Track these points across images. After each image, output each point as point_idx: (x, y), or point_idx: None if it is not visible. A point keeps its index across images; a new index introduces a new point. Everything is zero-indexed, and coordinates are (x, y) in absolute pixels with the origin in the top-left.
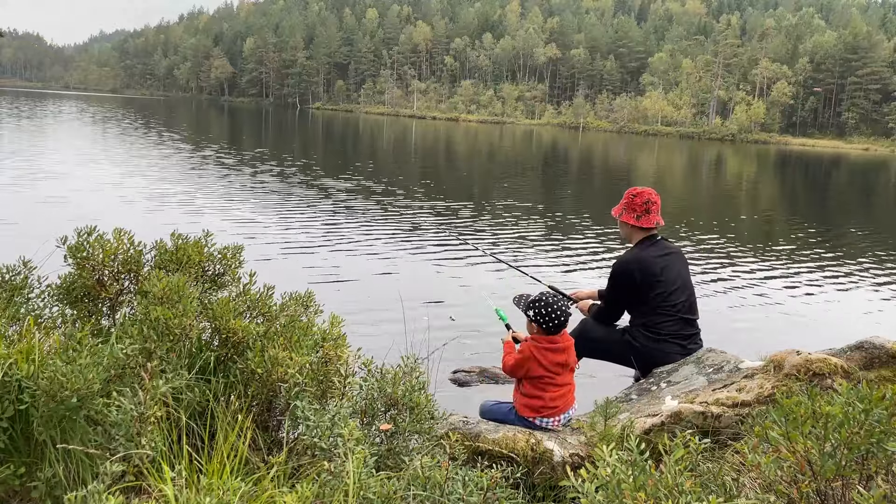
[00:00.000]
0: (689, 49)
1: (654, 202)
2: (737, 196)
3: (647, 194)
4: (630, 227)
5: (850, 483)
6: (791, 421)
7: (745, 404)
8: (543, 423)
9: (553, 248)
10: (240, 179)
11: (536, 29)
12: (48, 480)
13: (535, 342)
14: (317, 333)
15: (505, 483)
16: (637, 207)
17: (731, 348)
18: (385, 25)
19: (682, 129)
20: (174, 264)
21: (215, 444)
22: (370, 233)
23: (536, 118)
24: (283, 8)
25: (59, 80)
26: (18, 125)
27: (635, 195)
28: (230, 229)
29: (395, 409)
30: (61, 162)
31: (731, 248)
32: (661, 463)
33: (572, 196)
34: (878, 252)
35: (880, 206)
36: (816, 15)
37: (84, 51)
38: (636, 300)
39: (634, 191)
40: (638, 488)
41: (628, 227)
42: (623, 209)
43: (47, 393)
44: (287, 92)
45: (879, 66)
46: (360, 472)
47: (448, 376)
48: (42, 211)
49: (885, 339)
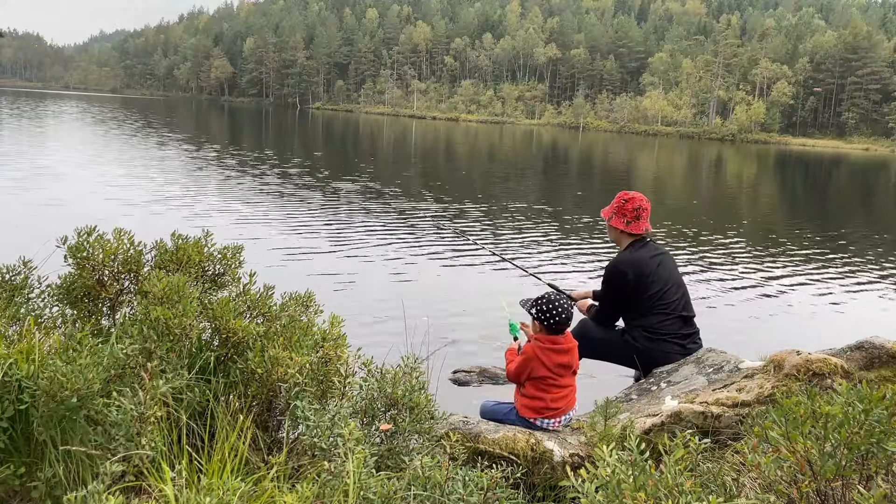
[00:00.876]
0: (689, 49)
1: (645, 208)
2: (737, 196)
3: (637, 200)
4: (619, 231)
5: (850, 483)
6: (791, 421)
7: (745, 404)
8: (544, 423)
9: (551, 248)
10: (240, 179)
11: (536, 29)
12: (48, 480)
13: (538, 342)
14: (317, 333)
15: (505, 483)
16: (627, 213)
17: (731, 348)
18: (385, 25)
19: (682, 129)
20: (174, 264)
21: (215, 444)
22: (370, 233)
23: (536, 118)
24: (283, 8)
25: (59, 80)
26: (19, 125)
27: (626, 200)
28: (230, 229)
29: (395, 409)
30: (61, 162)
31: (731, 248)
32: (661, 463)
33: (573, 195)
34: (878, 252)
35: (880, 206)
36: (816, 15)
37: (84, 51)
38: (632, 301)
39: (626, 196)
40: (638, 488)
41: (617, 231)
42: (613, 213)
43: (47, 393)
44: (287, 92)
45: (879, 66)
46: (360, 472)
47: (448, 376)
48: (42, 211)
49: (885, 339)
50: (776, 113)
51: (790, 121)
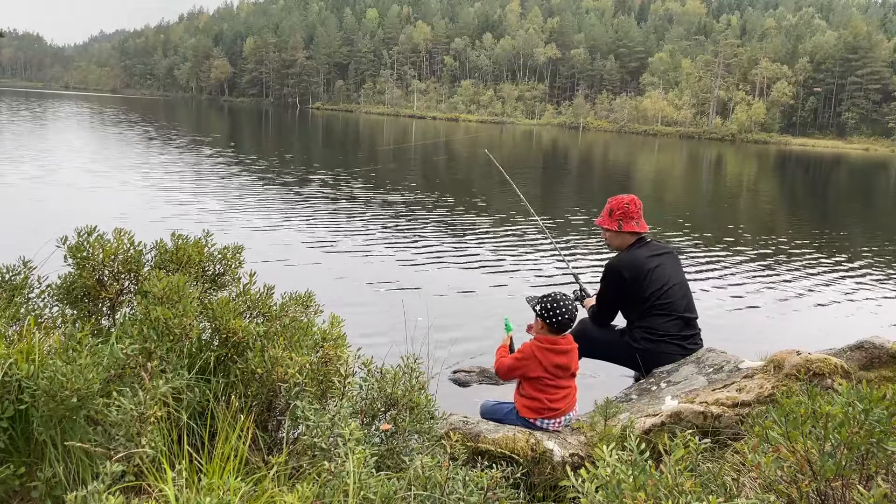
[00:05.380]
0: (689, 49)
1: (634, 207)
2: (737, 196)
3: (624, 200)
4: (615, 234)
5: (850, 483)
6: (791, 421)
7: (745, 404)
8: (544, 424)
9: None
10: (240, 179)
11: (536, 29)
12: (48, 480)
13: (538, 342)
14: (317, 333)
15: (505, 483)
16: (616, 214)
17: (731, 348)
18: (385, 25)
19: (682, 129)
20: (174, 264)
21: (215, 444)
22: (370, 233)
23: (536, 118)
24: (283, 8)
25: (59, 80)
26: (19, 125)
27: (615, 203)
28: (230, 229)
29: (395, 409)
30: (62, 162)
31: (732, 248)
32: (661, 463)
33: (571, 196)
34: (878, 252)
35: (881, 206)
36: (816, 15)
37: (84, 51)
38: (631, 300)
39: (613, 200)
40: (638, 488)
41: (614, 234)
42: (606, 218)
43: (47, 393)
44: (287, 92)
45: (879, 66)
46: (361, 472)
47: (448, 376)
48: (42, 211)
49: (885, 339)
50: (776, 113)
51: (790, 121)
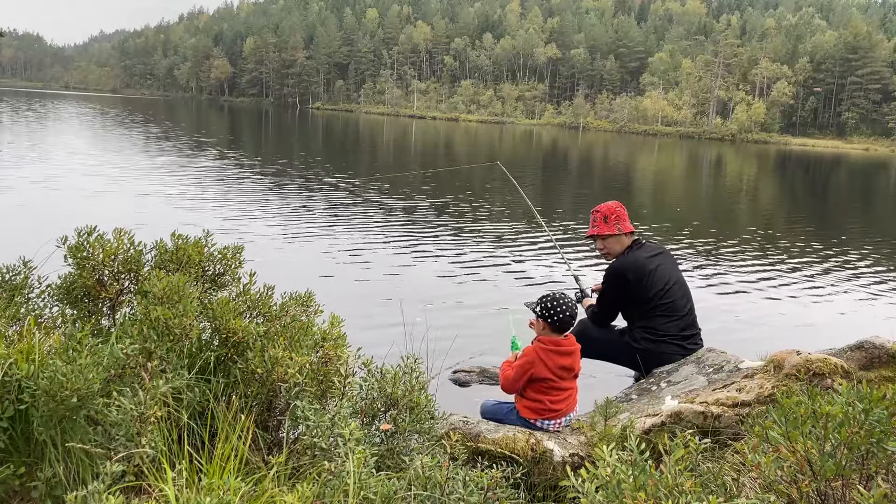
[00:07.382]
0: (689, 49)
1: (622, 210)
2: (737, 196)
3: (609, 205)
4: (614, 237)
5: (850, 483)
6: (791, 421)
7: (745, 404)
8: (544, 424)
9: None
10: (240, 179)
11: (536, 29)
12: (48, 480)
13: (541, 344)
14: (317, 333)
15: (505, 483)
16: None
17: (731, 348)
18: (385, 25)
19: (682, 129)
20: (174, 264)
21: (215, 444)
22: (370, 233)
23: (536, 118)
24: (283, 8)
25: (59, 80)
26: (19, 125)
27: (604, 210)
28: (230, 229)
29: (395, 409)
30: (61, 162)
31: (731, 248)
32: (661, 463)
33: (571, 196)
34: (878, 252)
35: (881, 206)
36: (816, 15)
37: (84, 51)
38: (632, 301)
39: (598, 208)
40: (638, 488)
41: (613, 238)
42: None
43: (47, 393)
44: (287, 92)
45: (879, 66)
46: (361, 472)
47: (448, 376)
48: (42, 211)
49: (885, 339)
50: (776, 113)
51: (790, 121)
